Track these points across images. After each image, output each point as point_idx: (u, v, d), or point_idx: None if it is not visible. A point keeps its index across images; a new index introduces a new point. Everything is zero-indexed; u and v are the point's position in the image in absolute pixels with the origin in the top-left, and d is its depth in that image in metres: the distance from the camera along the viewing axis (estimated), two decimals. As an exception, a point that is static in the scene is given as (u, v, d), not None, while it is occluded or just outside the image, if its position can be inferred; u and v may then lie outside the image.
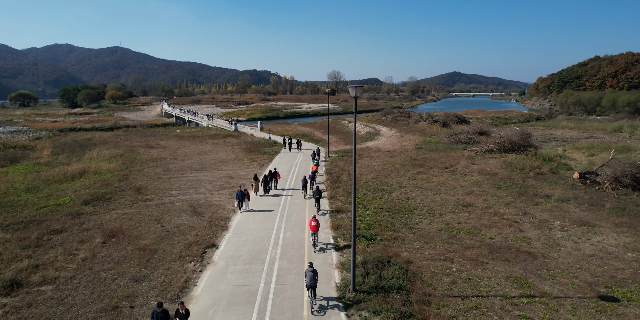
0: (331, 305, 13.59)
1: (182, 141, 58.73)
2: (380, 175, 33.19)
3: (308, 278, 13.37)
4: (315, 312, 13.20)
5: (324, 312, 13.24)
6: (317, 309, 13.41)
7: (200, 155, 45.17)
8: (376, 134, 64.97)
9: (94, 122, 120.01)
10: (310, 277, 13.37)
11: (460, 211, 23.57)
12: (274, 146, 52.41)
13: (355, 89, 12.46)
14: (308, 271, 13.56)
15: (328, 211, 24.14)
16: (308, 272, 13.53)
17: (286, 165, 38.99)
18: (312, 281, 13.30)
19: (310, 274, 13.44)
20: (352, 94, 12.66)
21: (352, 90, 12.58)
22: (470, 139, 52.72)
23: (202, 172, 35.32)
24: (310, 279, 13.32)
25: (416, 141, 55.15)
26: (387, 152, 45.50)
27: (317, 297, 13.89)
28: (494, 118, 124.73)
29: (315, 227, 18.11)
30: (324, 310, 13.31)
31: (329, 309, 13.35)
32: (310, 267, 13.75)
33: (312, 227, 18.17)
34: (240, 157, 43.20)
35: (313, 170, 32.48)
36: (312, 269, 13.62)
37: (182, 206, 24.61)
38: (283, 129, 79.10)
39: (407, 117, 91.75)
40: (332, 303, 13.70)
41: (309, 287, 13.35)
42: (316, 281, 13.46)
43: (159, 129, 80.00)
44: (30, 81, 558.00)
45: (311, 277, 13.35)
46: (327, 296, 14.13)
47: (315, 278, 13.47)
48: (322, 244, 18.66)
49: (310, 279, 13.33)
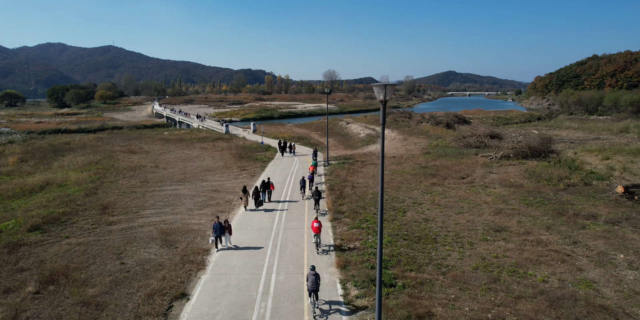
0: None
1: (167, 145, 54.05)
2: (388, 188, 28.76)
3: (310, 282, 13.10)
4: (318, 317, 12.91)
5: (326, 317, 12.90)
6: (319, 313, 13.06)
7: (184, 162, 40.54)
8: (377, 137, 60.58)
9: (80, 122, 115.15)
10: (313, 280, 13.06)
11: (494, 238, 19.18)
12: (267, 151, 47.85)
13: (385, 90, 8.02)
14: (310, 275, 13.22)
15: (327, 211, 24.05)
16: (310, 275, 13.20)
17: (281, 174, 34.50)
18: (314, 285, 13.02)
19: (312, 277, 13.11)
20: (379, 97, 8.24)
21: (380, 91, 8.16)
22: (481, 143, 48.47)
23: (183, 184, 30.73)
24: (312, 283, 13.05)
25: (422, 145, 50.82)
26: (392, 158, 41.11)
27: (319, 300, 13.69)
28: (494, 118, 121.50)
29: (318, 228, 18.02)
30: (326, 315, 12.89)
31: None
32: (312, 271, 13.37)
33: (314, 229, 18.09)
34: (229, 164, 38.60)
35: (311, 171, 32.02)
36: (314, 273, 13.24)
37: (153, 233, 20.01)
38: (277, 131, 74.49)
39: (408, 118, 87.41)
40: None
41: (311, 291, 13.04)
42: (318, 285, 13.15)
43: (145, 131, 75.15)
44: (22, 80, 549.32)
45: (313, 281, 13.05)
46: None
47: (318, 282, 13.14)
48: (325, 303, 13.99)
49: (312, 282, 13.04)
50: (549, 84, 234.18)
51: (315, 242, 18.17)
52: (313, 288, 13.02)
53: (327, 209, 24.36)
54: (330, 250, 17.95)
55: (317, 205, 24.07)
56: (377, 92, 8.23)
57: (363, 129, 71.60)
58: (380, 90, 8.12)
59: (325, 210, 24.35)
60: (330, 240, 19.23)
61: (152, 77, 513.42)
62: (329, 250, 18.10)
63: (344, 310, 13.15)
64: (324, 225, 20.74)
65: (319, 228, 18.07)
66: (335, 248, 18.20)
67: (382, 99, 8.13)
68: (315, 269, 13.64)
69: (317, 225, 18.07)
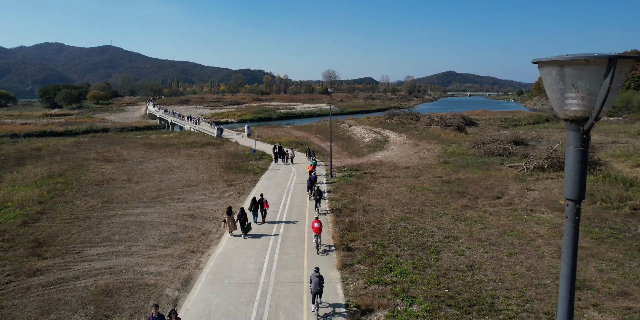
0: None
1: (150, 151, 48.09)
2: (410, 213, 22.82)
3: (313, 284, 12.69)
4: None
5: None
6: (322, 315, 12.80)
7: (163, 173, 34.59)
8: (384, 142, 54.63)
9: (69, 124, 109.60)
10: (316, 282, 12.67)
11: (579, 304, 13.23)
12: (260, 159, 41.90)
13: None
14: (313, 276, 12.82)
15: (328, 211, 23.78)
16: (313, 277, 12.80)
17: (275, 190, 28.56)
18: (317, 287, 12.63)
19: (315, 279, 12.71)
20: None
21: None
22: (504, 150, 42.55)
23: (154, 206, 24.77)
24: (315, 285, 12.64)
25: (436, 152, 44.92)
26: (406, 169, 35.16)
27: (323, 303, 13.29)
28: (501, 119, 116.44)
29: (318, 228, 17.95)
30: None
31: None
32: (316, 272, 12.92)
33: (314, 229, 18.01)
34: (214, 177, 32.61)
35: (309, 170, 32.17)
36: (317, 275, 12.84)
37: (85, 295, 13.97)
38: (274, 134, 68.53)
39: (415, 120, 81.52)
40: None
41: (315, 293, 12.66)
42: (322, 287, 12.79)
43: (130, 135, 69.09)
44: (18, 80, 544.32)
45: (316, 283, 12.66)
46: None
47: (321, 284, 12.75)
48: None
49: (316, 284, 12.64)
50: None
51: (316, 242, 18.05)
52: (316, 290, 12.65)
53: (334, 245, 18.46)
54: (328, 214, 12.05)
55: (318, 204, 23.97)
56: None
57: (367, 133, 65.68)
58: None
59: (326, 210, 24.16)
60: (339, 299, 13.37)
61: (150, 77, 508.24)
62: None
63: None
64: (326, 269, 15.56)
65: (320, 228, 17.95)
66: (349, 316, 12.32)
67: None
68: (318, 270, 13.12)
69: (317, 226, 17.93)
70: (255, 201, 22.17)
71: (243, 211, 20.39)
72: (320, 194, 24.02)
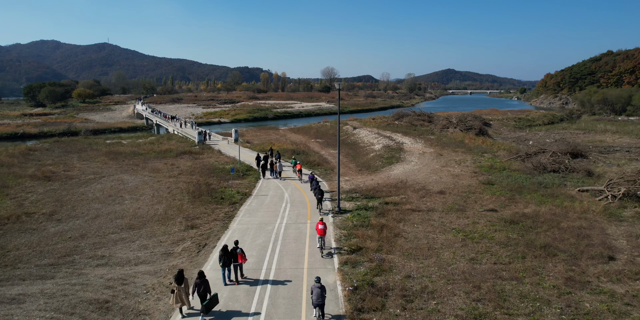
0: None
1: (110, 163, 38.42)
2: (483, 301, 13.07)
3: (315, 295, 11.75)
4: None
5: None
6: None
7: (106, 202, 24.87)
8: (399, 150, 44.88)
9: (47, 125, 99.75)
10: (318, 293, 11.73)
11: None
12: (244, 177, 32.18)
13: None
14: (315, 287, 11.88)
15: (330, 211, 22.27)
16: (315, 288, 11.86)
17: (258, 236, 18.88)
18: (319, 299, 11.72)
19: (317, 290, 11.78)
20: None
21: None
22: (559, 164, 32.85)
23: (53, 275, 15.10)
24: (317, 296, 11.72)
25: (469, 165, 35.26)
26: (440, 195, 25.46)
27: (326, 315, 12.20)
28: (515, 119, 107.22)
29: (323, 230, 16.84)
30: None
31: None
32: (317, 283, 12.01)
33: (319, 231, 16.90)
34: (172, 211, 22.77)
35: (298, 169, 31.11)
36: (319, 285, 11.93)
37: None
38: (267, 139, 58.79)
39: (428, 122, 71.65)
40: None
41: (316, 306, 11.75)
42: (324, 298, 11.84)
43: (100, 140, 59.13)
44: (12, 78, 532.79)
45: (318, 294, 11.73)
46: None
47: (323, 295, 11.82)
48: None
49: (318, 296, 11.72)
50: (561, 82, 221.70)
51: (320, 245, 17.10)
52: (318, 302, 11.72)
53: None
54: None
55: (320, 204, 22.97)
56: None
57: (376, 137, 55.91)
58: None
59: (328, 209, 23.03)
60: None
61: (147, 75, 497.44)
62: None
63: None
64: None
65: (324, 230, 16.88)
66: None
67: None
68: (320, 281, 12.16)
69: (322, 227, 16.90)
70: (226, 251, 14.38)
71: (203, 277, 12.70)
72: (321, 193, 22.95)
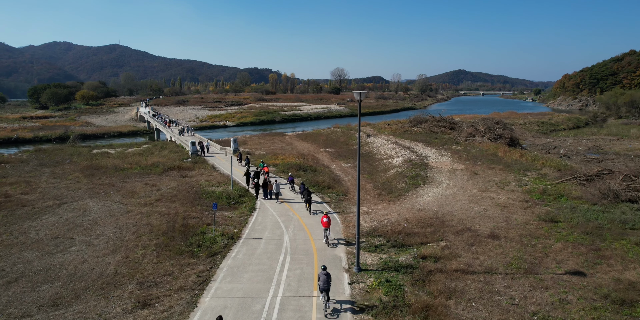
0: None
1: (83, 182, 32.46)
2: None
3: (321, 281, 13.35)
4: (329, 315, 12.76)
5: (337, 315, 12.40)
6: (330, 312, 13.01)
7: (45, 251, 18.66)
8: (424, 166, 38.11)
9: (43, 129, 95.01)
10: (324, 280, 13.30)
11: None
12: (235, 206, 25.77)
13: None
14: (321, 274, 13.46)
15: (319, 211, 23.53)
16: (321, 275, 13.45)
17: (241, 318, 12.56)
18: (325, 284, 13.26)
19: (323, 277, 13.35)
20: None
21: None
22: (635, 191, 25.88)
23: None
24: (323, 282, 13.29)
25: (514, 189, 28.48)
26: (491, 240, 18.81)
27: (331, 300, 13.68)
28: (538, 124, 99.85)
29: (327, 223, 18.98)
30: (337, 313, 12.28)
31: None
32: (323, 270, 13.59)
33: (324, 224, 19.06)
34: (124, 272, 16.36)
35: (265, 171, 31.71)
36: (325, 272, 13.47)
37: None
38: (271, 148, 52.45)
39: (450, 128, 64.64)
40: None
41: (322, 290, 13.31)
42: (329, 284, 13.37)
43: (82, 150, 53.16)
44: (24, 79, 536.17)
45: (324, 280, 13.29)
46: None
47: (329, 281, 13.36)
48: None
49: (324, 282, 13.28)
50: (581, 83, 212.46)
51: (325, 235, 19.13)
52: (324, 287, 13.23)
53: None
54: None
55: (309, 205, 24.02)
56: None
57: (394, 148, 49.17)
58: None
59: (318, 210, 24.05)
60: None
61: (157, 76, 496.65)
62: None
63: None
64: None
65: (329, 222, 19.03)
66: None
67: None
68: (326, 268, 13.79)
69: (326, 220, 18.98)
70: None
71: None
72: (309, 193, 24.17)
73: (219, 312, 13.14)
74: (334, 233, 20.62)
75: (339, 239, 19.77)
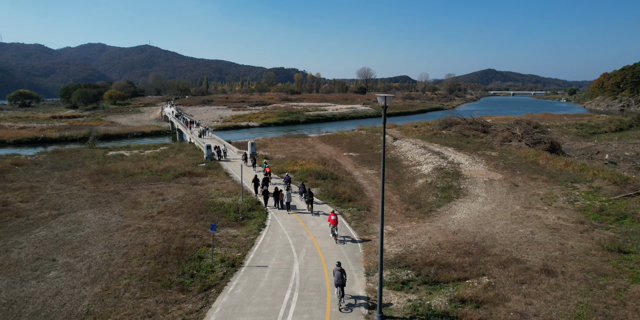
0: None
1: (89, 189, 30.55)
2: None
3: (335, 277, 13.73)
4: (343, 310, 13.09)
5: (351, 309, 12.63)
6: (344, 306, 13.36)
7: (19, 276, 16.38)
8: (456, 175, 34.33)
9: (70, 128, 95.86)
10: (338, 275, 13.67)
11: None
12: (243, 222, 22.96)
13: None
14: (336, 270, 13.83)
15: (321, 212, 23.42)
16: (336, 271, 13.82)
17: None
18: (339, 280, 13.62)
19: (337, 273, 13.70)
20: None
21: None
22: None
23: None
24: (337, 278, 13.66)
25: (564, 206, 24.52)
26: (545, 277, 15.25)
27: (346, 295, 14.11)
28: (577, 126, 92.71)
29: (335, 220, 19.69)
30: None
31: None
32: (338, 266, 13.99)
33: (331, 221, 19.78)
34: (98, 311, 13.88)
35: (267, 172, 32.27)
36: (339, 268, 13.85)
37: None
38: (291, 152, 49.65)
39: (483, 132, 60.14)
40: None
41: (337, 286, 13.66)
42: (344, 280, 13.70)
43: (97, 152, 51.73)
44: (61, 80, 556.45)
45: (339, 276, 13.65)
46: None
47: (343, 277, 13.69)
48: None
49: (338, 277, 13.65)
50: (622, 82, 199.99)
51: (332, 232, 19.74)
52: (339, 283, 13.64)
53: None
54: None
55: (311, 205, 24.17)
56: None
57: (423, 153, 45.39)
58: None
59: (319, 211, 23.92)
60: None
61: (185, 76, 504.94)
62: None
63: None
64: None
65: (336, 220, 19.69)
66: None
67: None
68: (340, 264, 14.22)
69: (334, 218, 19.73)
70: None
71: None
72: (311, 194, 24.31)
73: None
74: (352, 260, 17.46)
75: (357, 271, 16.60)
